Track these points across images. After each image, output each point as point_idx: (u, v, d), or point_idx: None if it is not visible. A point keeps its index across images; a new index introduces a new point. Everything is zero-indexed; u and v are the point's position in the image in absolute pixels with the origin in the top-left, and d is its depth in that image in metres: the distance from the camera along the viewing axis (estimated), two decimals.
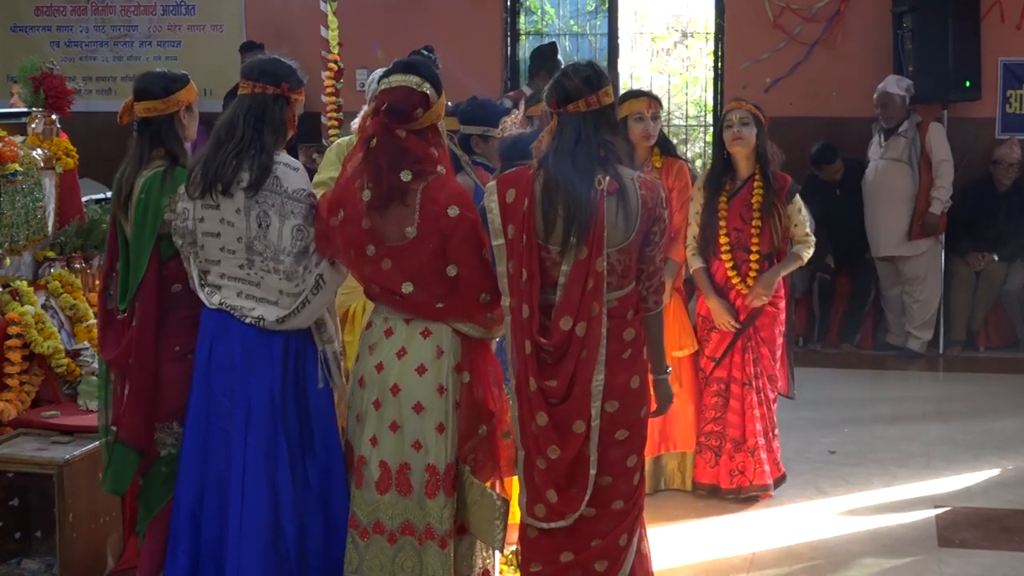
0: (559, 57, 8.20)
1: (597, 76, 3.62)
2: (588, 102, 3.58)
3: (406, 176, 3.62)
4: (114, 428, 4.04)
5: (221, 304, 3.81)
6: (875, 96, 8.43)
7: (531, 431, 3.64)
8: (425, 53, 7.72)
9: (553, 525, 3.64)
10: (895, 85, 8.36)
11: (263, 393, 3.76)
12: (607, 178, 3.54)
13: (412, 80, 3.67)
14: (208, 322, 3.86)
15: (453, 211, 3.62)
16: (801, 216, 5.56)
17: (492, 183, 3.73)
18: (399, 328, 3.71)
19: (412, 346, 3.68)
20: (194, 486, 3.86)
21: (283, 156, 3.82)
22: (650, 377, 3.78)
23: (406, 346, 3.68)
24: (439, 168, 3.69)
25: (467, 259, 3.64)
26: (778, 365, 5.61)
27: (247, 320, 3.77)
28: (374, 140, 3.64)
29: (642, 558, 3.78)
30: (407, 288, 3.64)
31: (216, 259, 3.81)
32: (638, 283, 3.67)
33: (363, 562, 3.71)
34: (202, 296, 3.86)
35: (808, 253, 5.58)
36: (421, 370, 3.66)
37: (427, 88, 3.67)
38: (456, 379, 3.69)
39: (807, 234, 5.56)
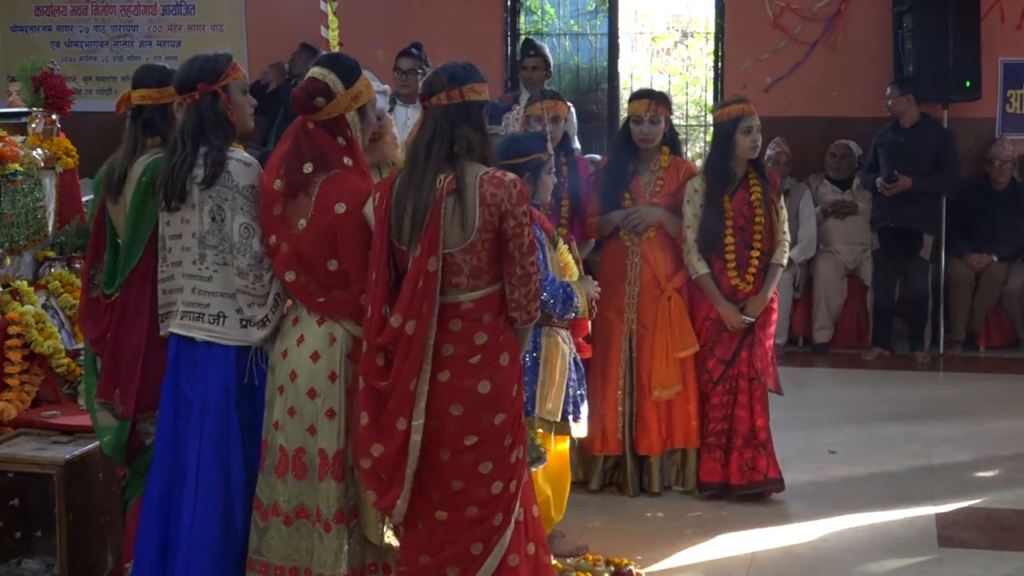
0: (536, 44, 8.01)
1: (465, 73, 3.65)
2: (450, 96, 3.60)
3: (308, 168, 3.73)
4: (101, 401, 4.11)
5: (172, 331, 3.88)
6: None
7: (358, 430, 3.63)
8: (415, 52, 7.73)
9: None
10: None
11: (219, 381, 3.83)
12: (449, 177, 3.54)
13: (319, 72, 3.78)
14: None
15: (340, 208, 3.70)
16: (784, 213, 5.65)
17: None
18: (303, 317, 3.81)
19: (308, 333, 3.78)
20: (164, 478, 3.89)
21: (237, 152, 3.88)
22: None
23: (304, 334, 3.79)
24: (345, 160, 3.77)
25: (350, 257, 3.72)
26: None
27: (204, 320, 3.82)
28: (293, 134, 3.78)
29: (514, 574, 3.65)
30: (289, 276, 3.74)
31: (178, 260, 3.89)
32: (507, 287, 3.60)
33: (262, 543, 3.79)
34: (161, 326, 3.93)
35: (786, 257, 5.66)
36: (315, 357, 3.75)
37: (330, 78, 3.76)
38: (349, 367, 3.76)
39: (784, 232, 5.62)
